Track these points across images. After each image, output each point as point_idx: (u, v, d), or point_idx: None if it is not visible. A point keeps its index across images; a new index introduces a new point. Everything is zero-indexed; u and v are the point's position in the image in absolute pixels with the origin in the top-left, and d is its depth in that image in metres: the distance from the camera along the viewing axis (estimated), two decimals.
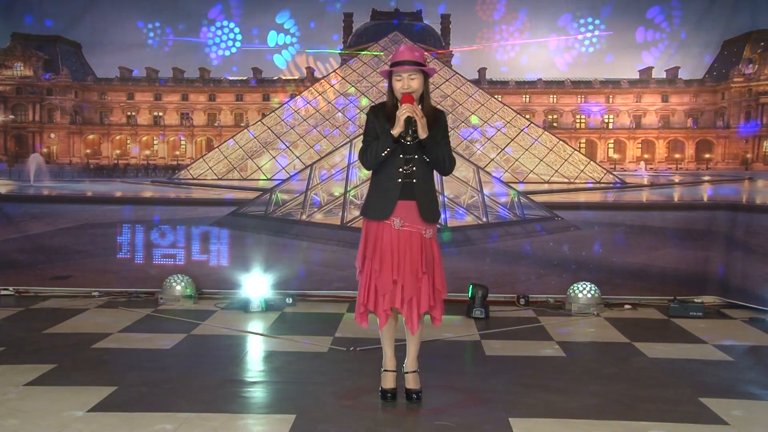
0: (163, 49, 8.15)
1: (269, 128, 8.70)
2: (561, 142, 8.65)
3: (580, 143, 8.84)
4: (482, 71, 8.56)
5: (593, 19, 7.93)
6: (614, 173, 8.63)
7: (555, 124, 8.90)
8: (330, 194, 8.24)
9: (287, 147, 8.57)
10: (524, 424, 3.89)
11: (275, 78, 8.59)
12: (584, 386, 4.61)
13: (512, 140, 8.54)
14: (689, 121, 8.57)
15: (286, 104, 8.66)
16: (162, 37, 8.06)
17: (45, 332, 5.96)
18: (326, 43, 8.31)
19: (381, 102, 4.23)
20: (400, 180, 4.06)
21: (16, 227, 8.04)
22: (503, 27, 8.01)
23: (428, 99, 4.14)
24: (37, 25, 8.27)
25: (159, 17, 8.07)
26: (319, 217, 8.19)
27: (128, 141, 8.88)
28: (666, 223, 7.99)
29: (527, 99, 8.77)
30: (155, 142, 8.88)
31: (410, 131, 3.96)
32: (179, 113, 8.89)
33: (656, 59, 8.11)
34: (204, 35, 8.08)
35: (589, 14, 7.93)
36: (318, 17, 8.21)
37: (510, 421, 3.91)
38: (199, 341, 5.81)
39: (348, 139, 8.42)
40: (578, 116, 8.69)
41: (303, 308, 7.11)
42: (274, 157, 8.57)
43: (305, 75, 8.47)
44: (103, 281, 7.69)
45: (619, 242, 7.81)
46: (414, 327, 4.11)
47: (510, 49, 8.08)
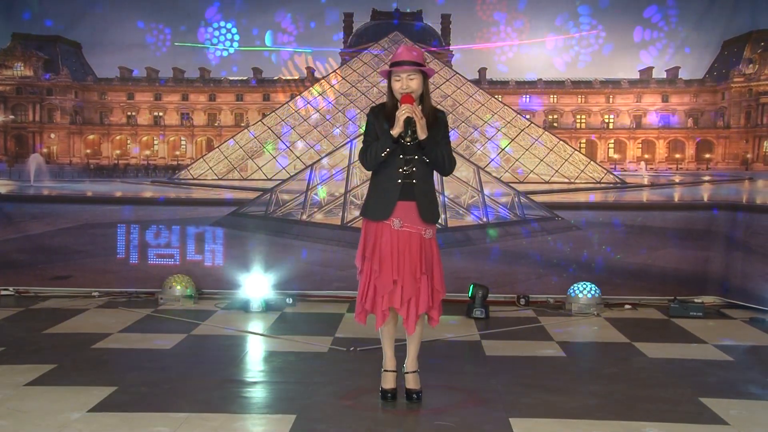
0: (161, 50, 8.15)
1: (269, 128, 8.70)
2: (561, 142, 8.65)
3: (581, 143, 8.84)
4: (482, 71, 8.56)
5: (592, 19, 7.93)
6: (614, 173, 8.63)
7: (555, 125, 8.90)
8: (330, 194, 8.24)
9: (287, 147, 8.57)
10: (524, 424, 3.89)
11: (275, 78, 8.59)
12: (584, 386, 4.61)
13: (512, 140, 8.54)
14: (689, 121, 8.56)
15: (286, 104, 8.66)
16: (159, 37, 8.06)
17: (45, 332, 5.96)
18: (326, 43, 8.31)
19: (381, 103, 4.22)
20: (400, 180, 4.05)
21: (16, 227, 8.04)
22: (503, 27, 8.02)
23: (428, 99, 4.13)
24: (37, 25, 8.27)
25: (159, 17, 8.07)
26: (320, 217, 8.18)
27: (128, 141, 8.88)
28: (666, 223, 8.00)
29: (527, 99, 8.76)
30: (155, 142, 8.88)
31: (409, 132, 3.96)
32: (179, 113, 8.89)
33: (654, 58, 8.11)
34: (202, 36, 8.08)
35: (588, 14, 7.93)
36: (318, 17, 8.21)
37: (510, 421, 3.91)
38: (199, 341, 5.81)
39: (348, 139, 8.42)
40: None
41: (303, 308, 7.11)
42: (275, 157, 8.57)
43: (305, 75, 8.47)
44: (103, 281, 7.69)
45: (619, 242, 7.82)
46: (411, 327, 4.11)
47: (509, 50, 8.09)
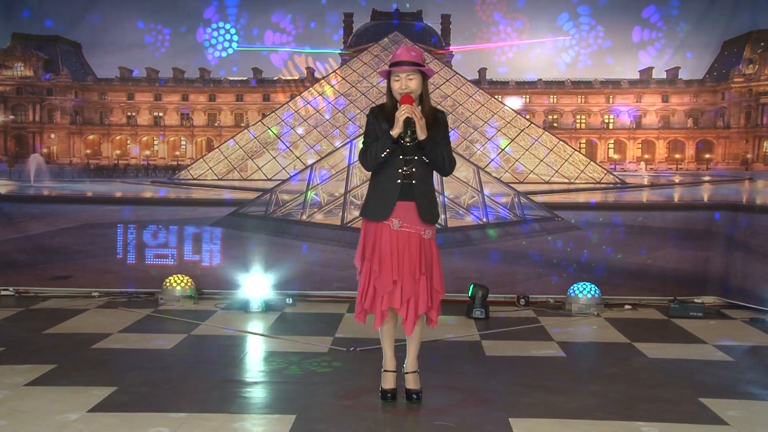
0: (161, 51, 8.15)
1: (269, 128, 8.70)
2: (561, 143, 8.65)
3: (581, 143, 8.83)
4: (482, 71, 8.55)
5: (591, 19, 7.93)
6: (614, 173, 8.63)
7: (555, 125, 8.89)
8: (330, 194, 8.24)
9: (287, 147, 8.57)
10: (524, 424, 3.89)
11: (275, 78, 8.59)
12: (584, 386, 4.61)
13: (512, 140, 8.54)
14: (689, 122, 8.56)
15: (286, 104, 8.66)
16: (158, 37, 8.06)
17: (45, 332, 5.97)
18: (326, 44, 8.31)
19: (381, 103, 4.21)
20: (400, 181, 4.05)
21: (16, 227, 8.04)
22: (503, 27, 8.02)
23: (428, 99, 4.13)
24: (37, 25, 8.28)
25: (159, 17, 8.07)
26: (320, 218, 8.18)
27: (128, 141, 8.87)
28: (666, 223, 8.00)
29: (528, 99, 8.76)
30: (155, 143, 8.88)
31: (409, 132, 3.95)
32: (179, 113, 8.89)
33: (653, 58, 8.11)
34: (201, 35, 8.08)
35: (588, 14, 7.93)
36: (318, 17, 8.21)
37: (510, 421, 3.91)
38: (199, 341, 5.81)
39: (348, 139, 8.42)
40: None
41: (303, 308, 7.11)
42: (275, 158, 8.57)
43: (305, 75, 8.47)
44: (103, 281, 7.69)
45: (619, 242, 7.82)
46: (410, 328, 4.11)
47: (509, 50, 8.08)
